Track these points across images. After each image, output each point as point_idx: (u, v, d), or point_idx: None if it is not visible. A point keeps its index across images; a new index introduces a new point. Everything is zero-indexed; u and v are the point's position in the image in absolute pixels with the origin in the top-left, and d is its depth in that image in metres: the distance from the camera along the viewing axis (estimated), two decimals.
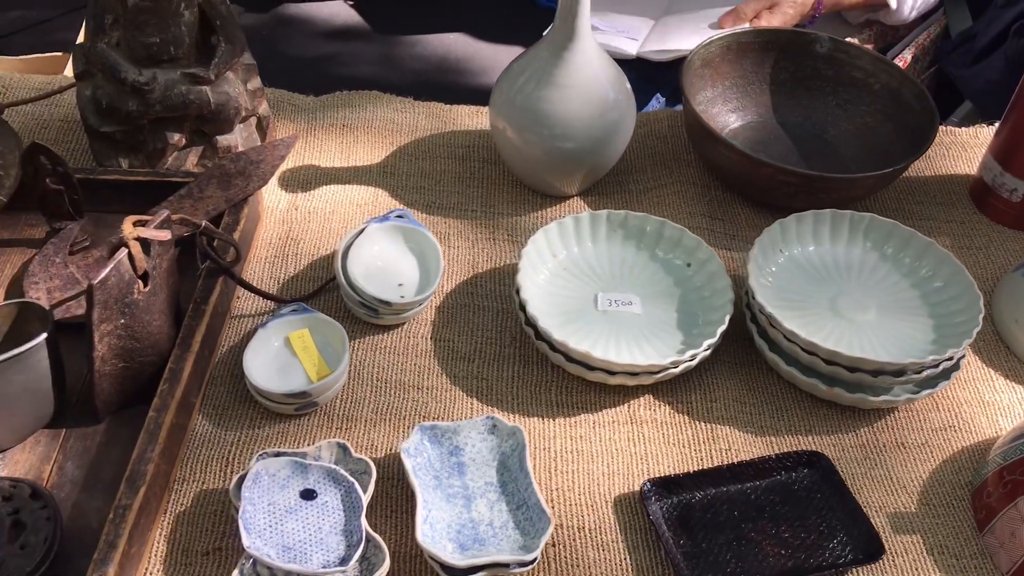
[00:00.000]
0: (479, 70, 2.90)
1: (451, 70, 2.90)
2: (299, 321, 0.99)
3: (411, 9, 3.10)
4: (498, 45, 2.98)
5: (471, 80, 2.86)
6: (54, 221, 1.05)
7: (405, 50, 2.98)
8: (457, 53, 2.96)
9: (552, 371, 0.99)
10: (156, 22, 1.08)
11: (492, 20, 3.09)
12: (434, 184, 1.20)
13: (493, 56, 2.95)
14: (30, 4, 3.00)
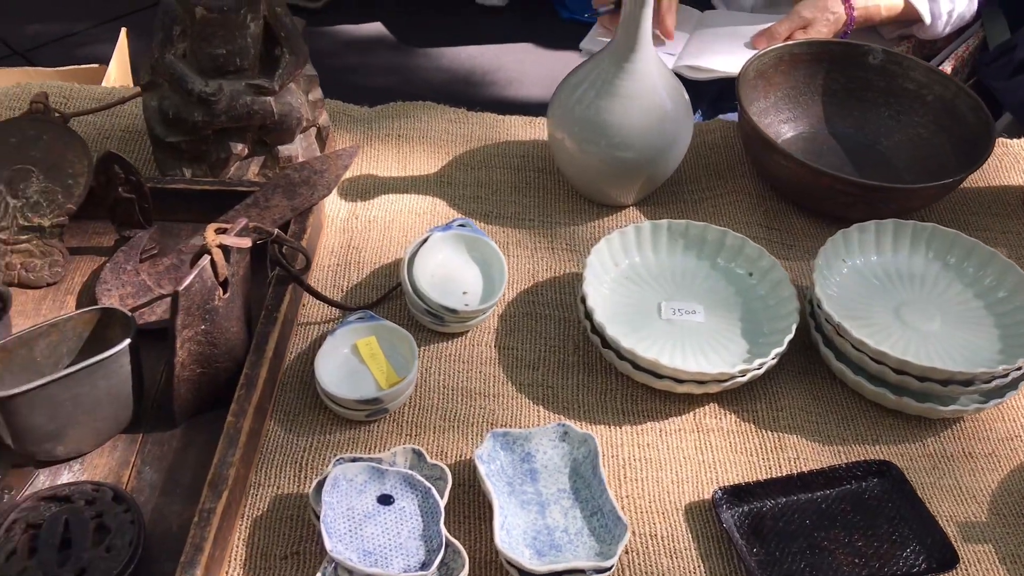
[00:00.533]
0: (505, 82, 2.92)
1: (477, 83, 2.91)
2: (366, 328, 1.00)
3: (436, 22, 3.12)
4: (523, 57, 3.00)
5: (497, 92, 2.87)
6: (123, 229, 1.06)
7: (431, 62, 2.99)
8: (483, 66, 2.98)
9: (617, 379, 1.00)
10: (223, 34, 1.10)
11: (517, 33, 3.10)
12: (491, 194, 1.21)
13: (519, 68, 2.96)
14: (57, 17, 3.02)
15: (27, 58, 2.94)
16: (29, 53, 2.97)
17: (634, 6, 1.05)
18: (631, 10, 1.06)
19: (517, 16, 3.15)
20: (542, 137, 1.29)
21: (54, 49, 2.98)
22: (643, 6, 1.05)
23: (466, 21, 3.16)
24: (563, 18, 3.14)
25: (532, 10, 3.18)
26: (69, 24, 3.03)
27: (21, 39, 2.96)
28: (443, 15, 3.15)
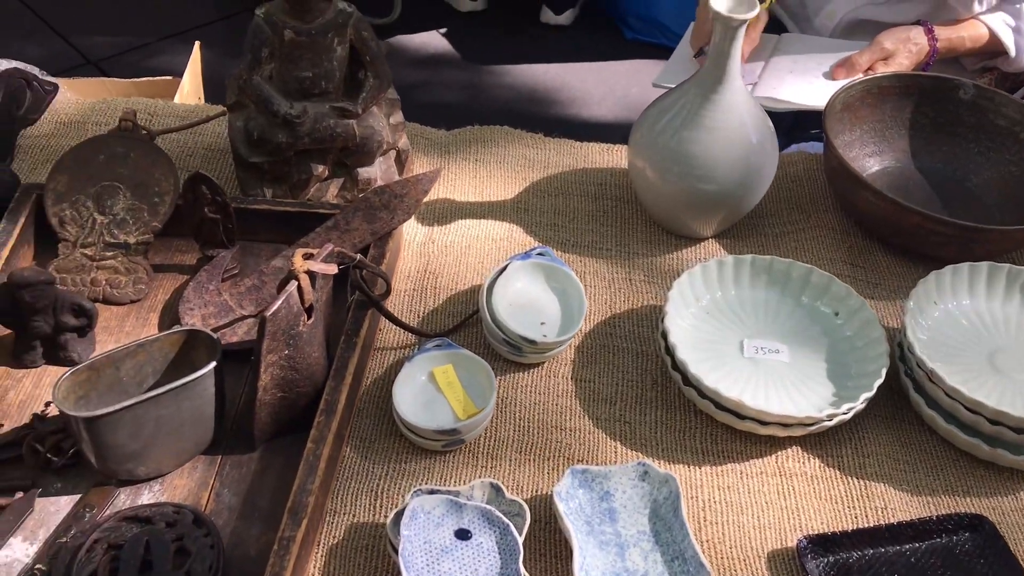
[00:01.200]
0: (568, 101, 2.91)
1: (541, 100, 2.91)
2: (443, 356, 0.99)
3: (501, 39, 3.13)
4: (587, 76, 2.99)
5: (561, 111, 2.86)
6: (207, 248, 1.07)
7: (495, 79, 3.00)
8: (546, 84, 2.97)
9: (696, 417, 0.98)
10: (310, 57, 1.10)
11: (581, 52, 3.10)
12: (568, 222, 1.20)
13: (581, 87, 2.95)
14: (128, 29, 3.08)
15: (100, 68, 3.00)
16: (102, 63, 3.03)
17: (723, 39, 1.04)
18: (720, 42, 1.04)
19: (582, 35, 3.15)
20: (620, 165, 1.28)
21: (126, 59, 3.04)
22: (733, 39, 1.03)
23: (531, 39, 3.16)
24: (627, 38, 3.13)
25: (596, 29, 3.17)
26: (140, 35, 3.08)
27: (95, 49, 3.02)
28: (509, 32, 3.16)
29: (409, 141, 1.29)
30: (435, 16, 3.19)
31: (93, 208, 1.07)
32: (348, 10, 1.11)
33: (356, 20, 1.11)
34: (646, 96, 2.83)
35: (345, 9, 1.11)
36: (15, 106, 1.20)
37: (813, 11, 1.62)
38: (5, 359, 0.98)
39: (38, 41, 3.03)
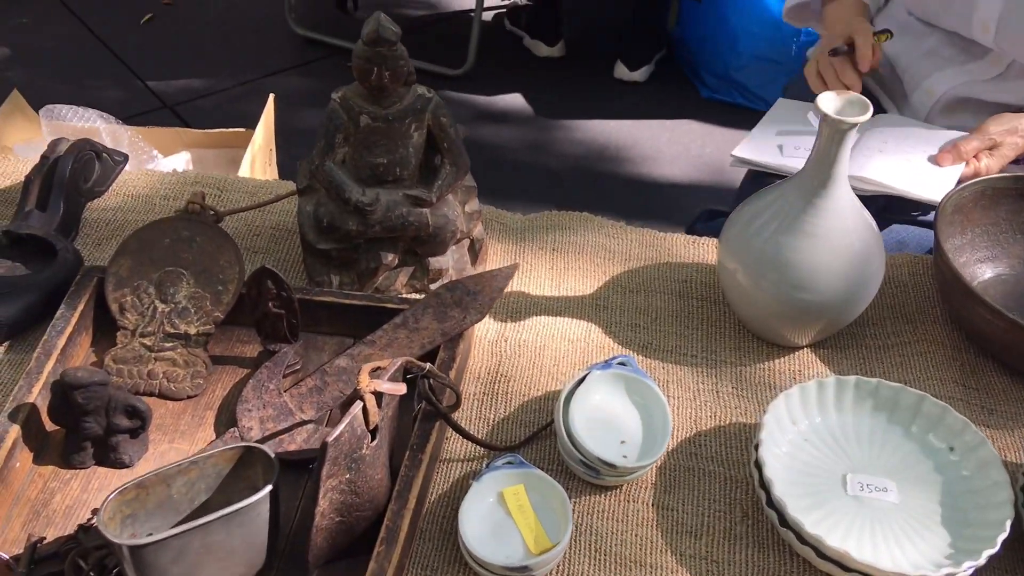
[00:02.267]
0: (639, 159, 2.84)
1: (611, 158, 2.84)
2: (514, 476, 0.92)
3: (572, 93, 3.08)
4: (659, 134, 2.92)
5: (631, 169, 2.80)
6: (268, 342, 1.02)
7: (565, 134, 2.94)
8: (618, 141, 2.91)
9: (792, 560, 0.89)
10: (386, 143, 1.05)
11: (655, 109, 3.03)
12: (650, 322, 1.12)
13: (653, 145, 2.89)
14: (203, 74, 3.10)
15: (175, 112, 3.03)
16: (178, 107, 3.05)
17: (831, 142, 0.96)
18: (827, 145, 0.96)
19: (656, 91, 3.09)
20: (707, 260, 1.20)
21: (201, 105, 3.06)
22: (842, 143, 0.95)
23: (603, 94, 3.10)
24: (702, 96, 3.06)
25: (671, 85, 3.11)
26: (216, 81, 3.11)
27: (171, 94, 3.05)
28: (580, 87, 3.11)
29: (483, 224, 1.24)
30: (507, 62, 3.15)
31: (155, 295, 1.03)
32: (428, 95, 1.06)
33: (435, 106, 1.06)
34: (720, 156, 2.78)
35: (424, 94, 1.06)
36: (83, 179, 1.16)
37: (911, 87, 1.53)
38: (54, 458, 0.93)
39: (117, 84, 3.07)
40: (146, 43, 3.25)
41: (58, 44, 3.18)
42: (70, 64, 3.11)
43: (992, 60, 1.47)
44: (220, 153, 2.13)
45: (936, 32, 1.51)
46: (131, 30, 3.30)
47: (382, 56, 1.00)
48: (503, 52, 3.18)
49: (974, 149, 1.35)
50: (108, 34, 3.27)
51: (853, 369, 1.07)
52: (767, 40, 2.87)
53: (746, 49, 2.89)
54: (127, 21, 3.32)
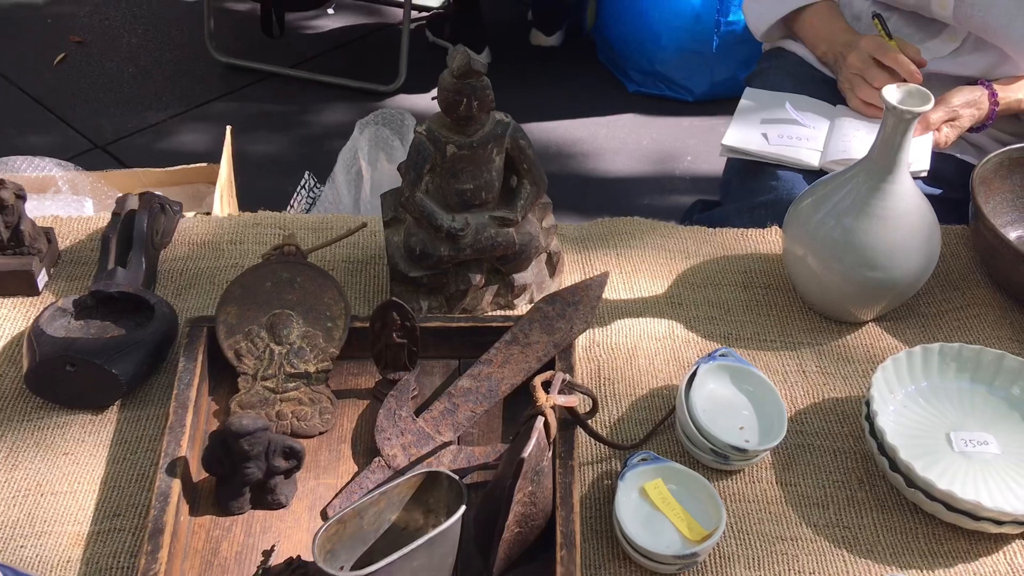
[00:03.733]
0: (582, 156, 2.94)
1: (555, 156, 2.93)
2: (651, 471, 0.99)
3: (504, 99, 3.14)
4: (595, 131, 3.02)
5: (577, 166, 2.89)
6: (388, 372, 1.06)
7: None
8: (558, 140, 3.00)
9: (915, 516, 0.99)
10: (471, 169, 1.11)
11: (586, 107, 3.13)
12: (724, 314, 1.21)
13: (593, 142, 2.99)
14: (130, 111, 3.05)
15: (108, 152, 2.97)
16: (110, 147, 2.99)
17: (895, 131, 1.06)
18: (891, 133, 1.07)
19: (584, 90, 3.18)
20: (758, 250, 1.30)
21: (135, 142, 3.01)
22: (906, 131, 1.06)
23: (535, 98, 3.18)
24: (630, 91, 3.18)
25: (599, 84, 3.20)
26: (142, 117, 3.06)
27: (100, 133, 2.99)
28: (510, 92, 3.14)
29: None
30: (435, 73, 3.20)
31: (268, 338, 1.06)
32: (506, 120, 1.12)
33: (513, 129, 1.12)
34: (658, 147, 2.90)
35: (503, 120, 1.12)
36: (155, 232, 1.18)
37: None
38: (207, 507, 0.95)
39: (41, 129, 2.99)
40: (63, 84, 3.17)
41: None
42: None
43: (948, 36, 1.61)
44: (183, 189, 2.11)
45: (895, 12, 1.65)
46: (45, 71, 3.21)
47: (472, 87, 1.05)
48: (429, 63, 3.22)
49: (939, 120, 1.49)
50: (21, 78, 3.18)
51: (917, 338, 1.17)
52: (688, 32, 3.01)
53: (669, 43, 3.01)
54: (38, 62, 3.22)
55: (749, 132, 1.57)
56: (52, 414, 1.03)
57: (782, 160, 1.52)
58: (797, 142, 1.57)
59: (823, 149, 1.55)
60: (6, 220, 1.12)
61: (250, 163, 2.62)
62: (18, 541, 0.92)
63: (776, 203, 1.54)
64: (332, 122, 2.99)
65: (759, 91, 1.66)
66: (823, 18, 1.69)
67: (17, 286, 1.14)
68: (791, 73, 1.77)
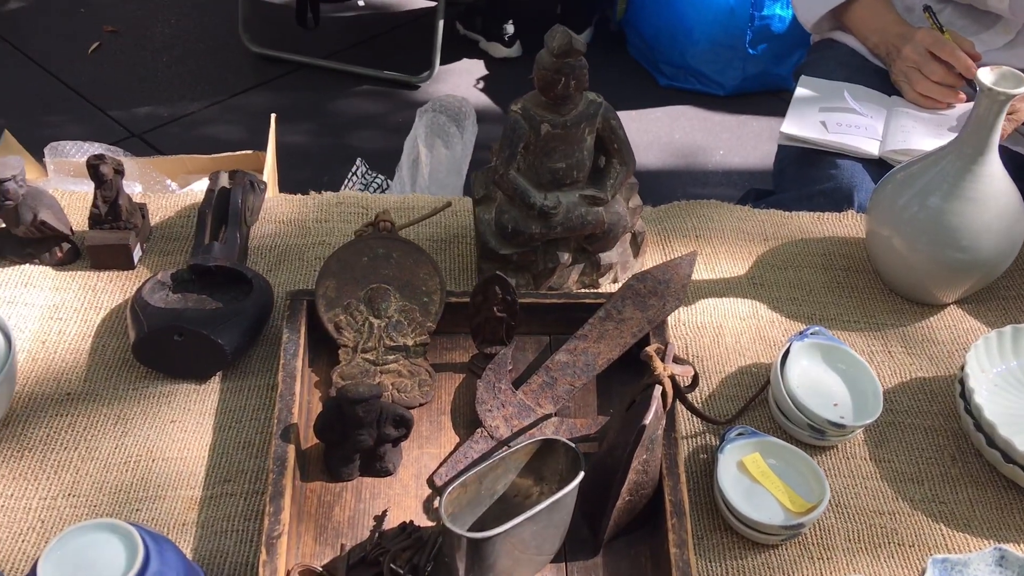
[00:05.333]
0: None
1: None
2: (749, 445, 1.01)
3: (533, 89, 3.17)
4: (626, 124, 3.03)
5: None
6: (484, 346, 1.08)
7: None
8: None
9: (1009, 492, 1.01)
10: (564, 148, 1.13)
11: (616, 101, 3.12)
12: (806, 295, 1.23)
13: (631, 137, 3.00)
14: (164, 100, 3.08)
15: (145, 140, 3.00)
16: (146, 135, 3.02)
17: (988, 112, 1.08)
18: (984, 114, 1.09)
19: (615, 83, 3.18)
20: (836, 233, 1.32)
21: (169, 131, 3.03)
22: (999, 113, 1.08)
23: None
24: (661, 85, 3.20)
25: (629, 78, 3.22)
26: (177, 107, 3.08)
27: (137, 121, 3.02)
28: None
29: None
30: (466, 65, 3.22)
31: (367, 312, 1.08)
32: (598, 100, 1.14)
33: (605, 109, 1.14)
34: (689, 141, 2.92)
35: (595, 100, 1.14)
36: (247, 209, 1.20)
37: None
38: (316, 473, 0.98)
39: (78, 117, 3.01)
40: (98, 73, 3.19)
41: (4, 80, 3.10)
42: (23, 101, 3.03)
43: (1003, 28, 1.63)
44: None
45: (949, 5, 1.67)
46: (79, 60, 3.23)
47: (570, 67, 1.07)
48: (460, 56, 3.24)
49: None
50: (57, 67, 3.20)
51: (998, 320, 1.20)
52: (722, 26, 3.02)
53: (702, 37, 3.03)
54: (73, 52, 3.25)
55: (807, 121, 1.59)
56: (157, 383, 1.05)
57: (841, 148, 1.54)
58: (856, 131, 1.59)
59: (881, 139, 1.57)
60: (104, 195, 1.14)
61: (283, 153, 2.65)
62: (133, 505, 0.95)
63: (835, 191, 1.56)
64: (364, 113, 3.01)
65: (814, 79, 1.68)
66: (874, 10, 1.71)
67: (114, 260, 1.16)
68: (843, 63, 1.79)
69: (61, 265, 1.17)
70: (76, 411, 1.02)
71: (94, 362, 1.07)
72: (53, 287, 1.15)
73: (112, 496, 0.95)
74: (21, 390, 1.03)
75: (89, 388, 1.04)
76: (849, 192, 1.56)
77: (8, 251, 1.16)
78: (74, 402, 1.03)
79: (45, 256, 1.16)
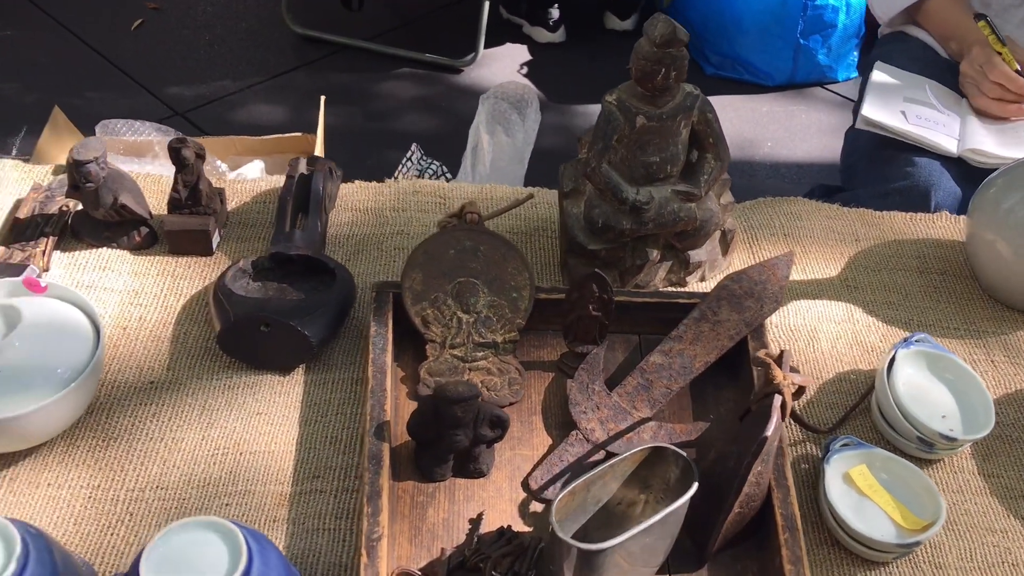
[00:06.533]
0: None
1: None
2: (854, 457, 0.98)
3: (578, 78, 3.13)
4: None
5: None
6: (575, 345, 1.05)
7: (581, 120, 3.00)
8: None
9: None
10: (658, 141, 1.09)
11: None
12: (903, 299, 1.19)
13: None
14: (205, 79, 3.05)
15: (188, 119, 2.98)
16: (189, 114, 3.00)
17: None
18: None
19: None
20: (930, 235, 1.28)
21: (211, 111, 3.02)
22: None
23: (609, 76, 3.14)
24: (707, 74, 3.15)
25: None
26: (219, 86, 3.06)
27: (180, 100, 3.00)
28: (585, 71, 3.14)
29: None
30: (509, 49, 3.19)
31: (455, 306, 1.05)
32: (695, 92, 1.10)
33: (702, 102, 1.11)
34: (736, 132, 2.87)
35: (692, 91, 1.10)
36: (327, 198, 1.17)
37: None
38: (408, 473, 0.95)
39: (121, 94, 3.00)
40: (141, 50, 3.17)
41: (49, 55, 3.09)
42: (66, 75, 3.01)
43: None
44: (273, 160, 2.11)
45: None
46: (123, 36, 3.21)
47: (672, 57, 1.04)
48: (503, 40, 3.20)
49: None
50: (99, 42, 3.19)
51: None
52: (774, 16, 2.97)
53: (752, 26, 2.98)
54: (116, 27, 3.23)
55: (887, 108, 1.55)
56: (240, 374, 1.03)
57: (920, 141, 1.51)
58: (935, 126, 1.55)
59: (959, 137, 1.53)
60: (185, 179, 1.12)
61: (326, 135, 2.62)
62: (222, 499, 0.92)
63: (911, 189, 1.52)
64: (407, 96, 2.99)
65: (891, 68, 1.64)
66: (948, 10, 1.67)
67: (193, 245, 1.14)
68: (915, 58, 1.75)
69: (138, 249, 1.14)
70: (160, 400, 1.00)
71: (176, 350, 1.05)
72: (132, 272, 1.12)
73: (200, 489, 0.93)
74: (104, 377, 1.01)
75: (172, 377, 1.02)
76: (926, 191, 1.52)
77: (85, 234, 1.13)
78: (158, 391, 1.01)
79: (123, 240, 1.14)
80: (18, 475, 0.92)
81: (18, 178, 1.21)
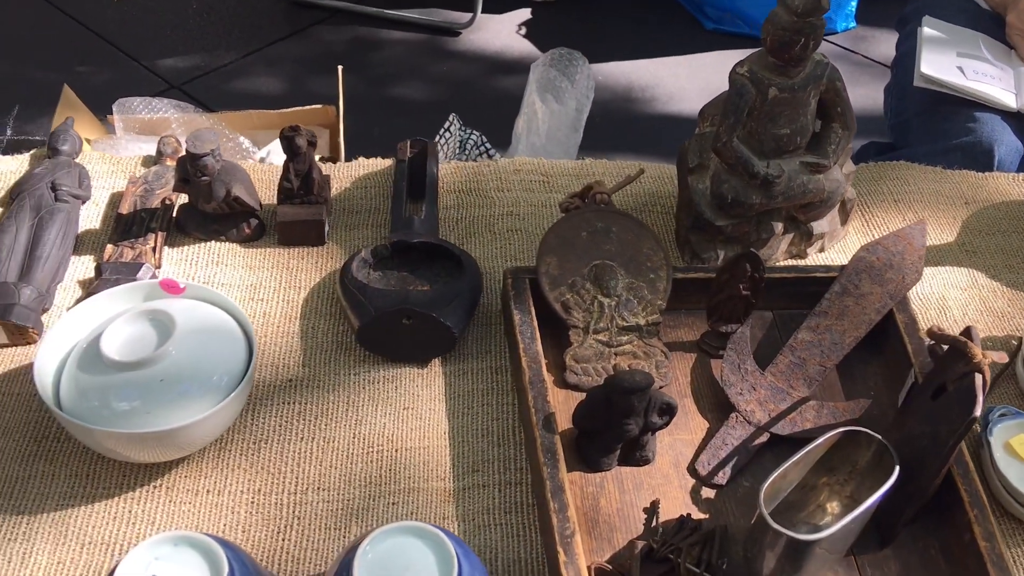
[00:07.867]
0: (665, 97, 2.90)
1: (638, 99, 2.90)
2: (1014, 426, 0.98)
3: (579, 37, 3.10)
4: (676, 70, 2.99)
5: (661, 108, 2.86)
6: (719, 324, 1.04)
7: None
8: (639, 81, 2.96)
9: None
10: (789, 113, 1.08)
11: (663, 46, 3.09)
12: (1021, 262, 1.20)
13: (675, 82, 2.95)
14: (198, 50, 2.98)
15: (184, 91, 2.91)
16: (186, 86, 2.93)
17: None
18: None
19: (661, 29, 3.13)
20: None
21: (207, 82, 2.95)
22: None
23: (609, 35, 3.13)
24: (707, 28, 3.14)
25: (675, 22, 3.16)
26: (212, 56, 2.99)
27: (174, 72, 2.92)
28: (585, 30, 3.11)
29: None
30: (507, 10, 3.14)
31: (594, 290, 1.04)
32: (824, 61, 1.09)
33: (831, 71, 1.09)
34: None
35: (822, 60, 1.09)
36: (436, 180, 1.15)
37: None
38: (571, 464, 0.94)
39: (111, 67, 2.92)
40: (127, 21, 3.09)
41: (33, 29, 2.99)
42: (53, 50, 2.92)
43: None
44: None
45: None
46: (106, 7, 3.12)
47: (812, 26, 1.02)
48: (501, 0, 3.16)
49: None
50: (84, 15, 3.09)
51: None
52: None
53: None
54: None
55: (945, 64, 1.55)
56: (378, 368, 1.01)
57: (979, 97, 1.51)
58: (992, 80, 1.55)
59: (1016, 91, 1.54)
60: (297, 168, 1.08)
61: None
62: (387, 498, 0.91)
63: (974, 146, 1.53)
64: (405, 61, 2.94)
65: (940, 23, 1.64)
66: None
67: (305, 236, 1.11)
68: (961, 9, 1.75)
69: (247, 242, 1.11)
70: (304, 399, 0.98)
71: (307, 346, 1.02)
72: (245, 265, 1.09)
73: (362, 489, 0.91)
74: None
75: (310, 374, 1.00)
76: (990, 147, 1.52)
77: (192, 227, 1.10)
78: (299, 389, 0.99)
79: (232, 232, 1.10)
80: (175, 483, 0.90)
81: (107, 171, 1.17)
